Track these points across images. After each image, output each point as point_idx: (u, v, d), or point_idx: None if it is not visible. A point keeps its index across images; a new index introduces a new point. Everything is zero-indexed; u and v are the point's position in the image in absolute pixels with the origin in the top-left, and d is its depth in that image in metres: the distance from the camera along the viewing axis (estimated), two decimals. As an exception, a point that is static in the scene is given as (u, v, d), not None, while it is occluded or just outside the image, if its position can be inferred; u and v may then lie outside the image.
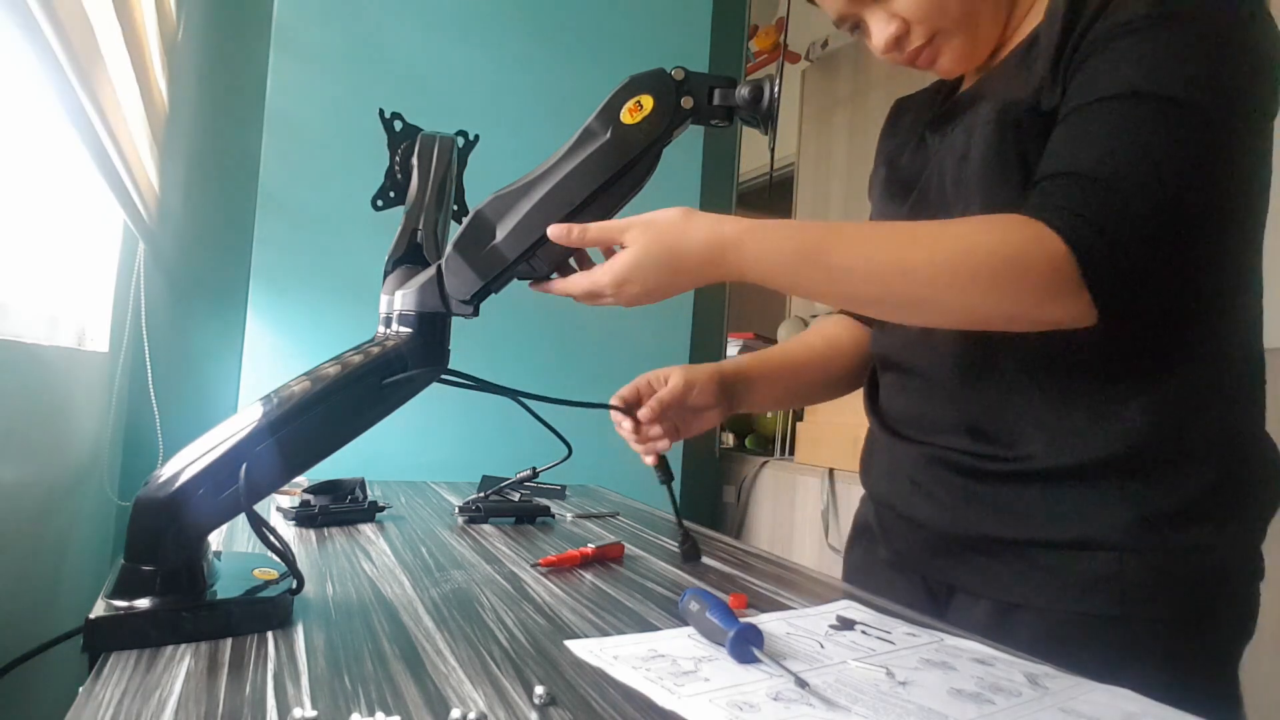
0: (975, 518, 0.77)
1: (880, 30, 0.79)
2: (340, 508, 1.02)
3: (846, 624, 0.68)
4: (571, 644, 0.59)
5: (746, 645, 0.57)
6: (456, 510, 1.12)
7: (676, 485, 0.95)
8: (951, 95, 0.88)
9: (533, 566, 0.84)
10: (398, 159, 0.83)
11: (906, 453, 0.85)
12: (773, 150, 0.72)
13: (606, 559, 0.90)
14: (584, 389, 0.76)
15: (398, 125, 0.83)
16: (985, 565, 0.77)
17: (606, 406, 0.90)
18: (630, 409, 0.91)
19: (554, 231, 0.68)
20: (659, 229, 0.67)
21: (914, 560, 0.85)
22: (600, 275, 0.68)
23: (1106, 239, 0.62)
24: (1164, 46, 0.64)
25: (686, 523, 0.96)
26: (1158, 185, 0.62)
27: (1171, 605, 0.70)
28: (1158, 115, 0.63)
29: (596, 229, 0.68)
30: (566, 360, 1.83)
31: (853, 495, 2.19)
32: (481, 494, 1.15)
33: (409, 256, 0.74)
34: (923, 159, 0.84)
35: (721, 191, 2.26)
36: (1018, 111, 0.71)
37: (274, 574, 0.65)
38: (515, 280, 0.70)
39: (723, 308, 2.27)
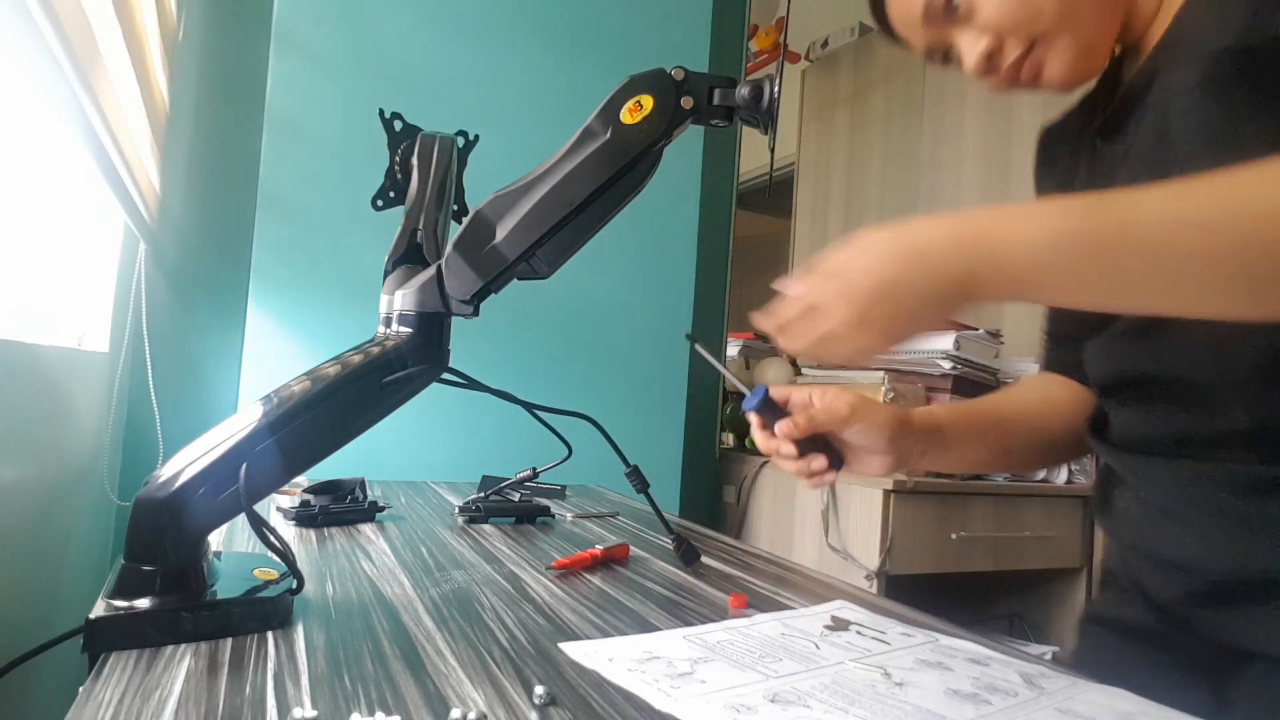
0: (1267, 549, 0.61)
1: (971, 50, 0.72)
2: (340, 508, 1.02)
3: (841, 624, 0.68)
4: (566, 646, 0.59)
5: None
6: (456, 510, 1.12)
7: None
8: (1108, 100, 0.76)
9: (548, 569, 0.84)
10: (398, 159, 0.83)
11: (1157, 478, 0.69)
12: (773, 150, 0.71)
13: (614, 560, 0.90)
14: (584, 389, 0.76)
15: (398, 125, 0.84)
16: None
17: (590, 419, 0.88)
18: (773, 411, 0.75)
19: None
20: (880, 232, 0.56)
21: (1178, 618, 0.68)
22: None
23: None
24: None
25: (680, 524, 0.96)
26: None
27: None
28: None
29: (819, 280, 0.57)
30: (566, 360, 1.83)
31: (853, 495, 2.18)
32: (481, 494, 1.15)
33: (409, 256, 0.74)
34: (1106, 167, 0.73)
35: (721, 191, 2.26)
36: (1218, 66, 0.59)
37: (274, 574, 0.65)
38: (515, 280, 0.70)
39: (723, 308, 2.27)
